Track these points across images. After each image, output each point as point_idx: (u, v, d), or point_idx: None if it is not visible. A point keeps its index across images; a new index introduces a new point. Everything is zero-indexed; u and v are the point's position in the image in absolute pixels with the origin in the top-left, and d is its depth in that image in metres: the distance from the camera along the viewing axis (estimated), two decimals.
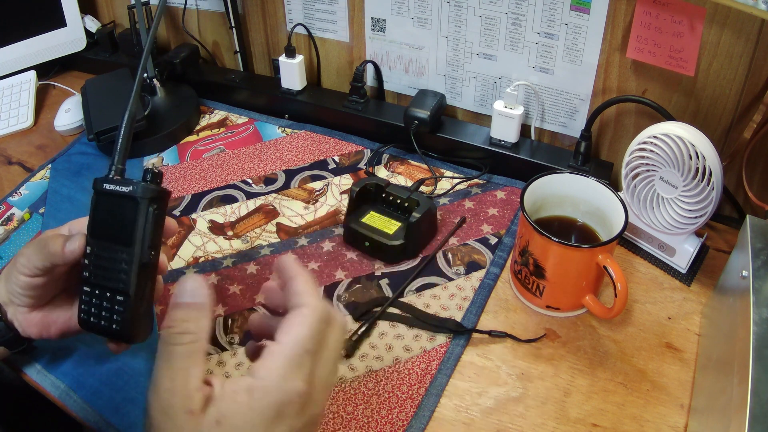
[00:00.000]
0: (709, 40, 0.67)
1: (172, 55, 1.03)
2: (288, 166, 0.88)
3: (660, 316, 0.65)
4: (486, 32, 0.82)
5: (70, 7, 1.07)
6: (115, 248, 0.47)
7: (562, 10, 0.75)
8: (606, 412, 0.57)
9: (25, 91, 1.03)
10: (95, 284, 0.48)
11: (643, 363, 0.61)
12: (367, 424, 0.56)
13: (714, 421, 0.48)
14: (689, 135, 0.60)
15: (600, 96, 0.79)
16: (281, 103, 0.98)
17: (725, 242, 0.74)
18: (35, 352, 0.63)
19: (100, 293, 0.48)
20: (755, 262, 0.50)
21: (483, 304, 0.67)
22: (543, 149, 0.84)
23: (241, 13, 1.01)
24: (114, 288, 0.47)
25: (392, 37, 0.90)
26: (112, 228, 0.47)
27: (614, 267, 0.58)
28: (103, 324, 0.48)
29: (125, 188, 0.46)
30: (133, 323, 0.47)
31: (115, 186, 0.47)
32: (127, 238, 0.46)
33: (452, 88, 0.90)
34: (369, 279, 0.70)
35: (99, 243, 0.48)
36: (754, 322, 0.45)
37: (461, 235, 0.76)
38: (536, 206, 0.67)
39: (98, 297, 0.48)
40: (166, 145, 0.93)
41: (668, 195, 0.65)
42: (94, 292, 0.48)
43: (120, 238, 0.46)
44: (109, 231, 0.47)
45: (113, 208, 0.47)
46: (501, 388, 0.59)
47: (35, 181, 0.88)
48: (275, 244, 0.76)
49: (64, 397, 0.59)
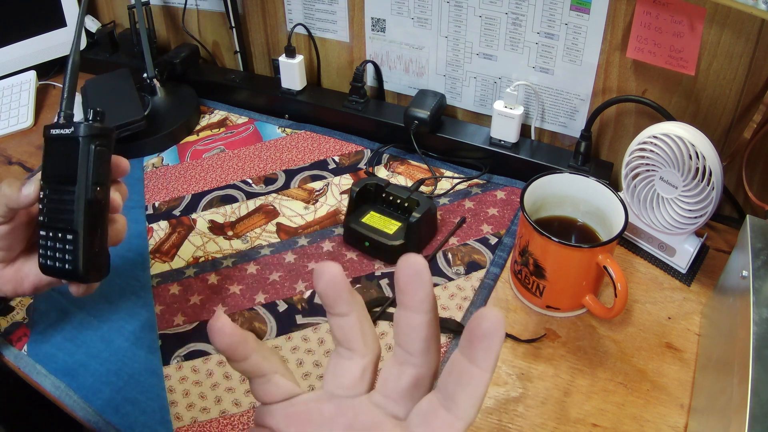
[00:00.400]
0: (709, 40, 0.67)
1: (172, 55, 1.03)
2: (288, 166, 0.88)
3: (660, 316, 0.65)
4: (486, 32, 0.82)
5: (70, 7, 1.07)
6: (63, 189, 0.48)
7: (562, 10, 0.75)
8: (606, 412, 0.57)
9: (25, 91, 1.03)
10: (49, 227, 0.49)
11: (643, 363, 0.61)
12: None
13: (714, 421, 0.48)
14: (689, 135, 0.60)
15: (600, 96, 0.79)
16: (281, 103, 0.98)
17: (725, 242, 0.74)
18: (35, 353, 0.63)
19: (53, 235, 0.49)
20: (755, 262, 0.50)
21: (483, 304, 0.67)
22: (543, 149, 0.84)
23: (241, 13, 1.01)
24: (64, 228, 0.48)
25: (392, 37, 0.90)
26: (60, 170, 0.48)
27: (614, 267, 0.58)
28: (58, 266, 0.49)
29: (68, 130, 0.47)
30: (85, 261, 0.48)
31: (60, 130, 0.48)
32: (72, 177, 0.47)
33: (452, 88, 0.90)
34: (369, 279, 0.70)
35: (50, 186, 0.49)
36: (754, 322, 0.45)
37: (461, 235, 0.76)
38: (536, 206, 0.67)
39: (52, 239, 0.49)
40: (166, 145, 0.93)
41: (668, 195, 0.65)
42: (49, 235, 0.49)
43: (66, 178, 0.47)
44: (58, 173, 0.48)
45: (60, 151, 0.48)
46: (501, 388, 0.59)
47: None
48: (275, 244, 0.76)
49: (64, 397, 0.59)
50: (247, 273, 0.72)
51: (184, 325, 0.66)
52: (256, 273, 0.72)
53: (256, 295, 0.69)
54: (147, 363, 0.62)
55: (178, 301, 0.69)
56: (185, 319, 0.66)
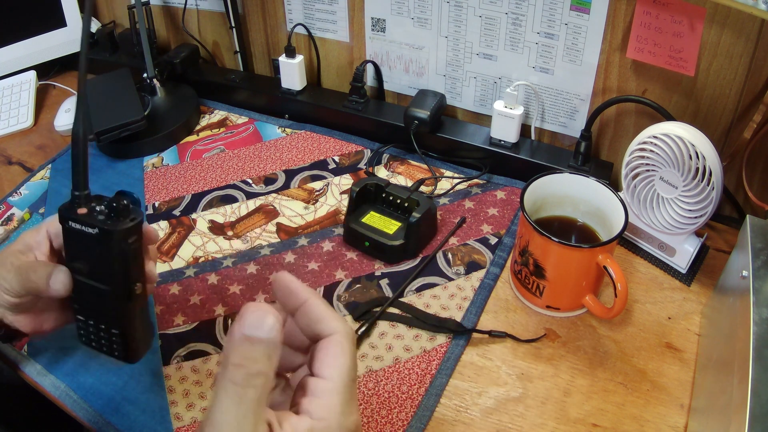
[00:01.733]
0: (709, 40, 0.67)
1: (172, 55, 1.03)
2: (288, 166, 0.88)
3: (660, 316, 0.65)
4: (486, 32, 0.82)
5: (70, 7, 1.07)
6: (97, 287, 0.44)
7: (562, 10, 0.75)
8: (606, 412, 0.57)
9: (25, 91, 1.03)
10: (87, 317, 0.46)
11: (643, 363, 0.61)
12: (367, 424, 0.56)
13: (714, 421, 0.48)
14: (689, 135, 0.60)
15: (600, 96, 0.79)
16: (281, 103, 0.98)
17: (725, 242, 0.74)
18: (35, 352, 0.63)
19: (95, 325, 0.46)
20: (755, 262, 0.50)
21: (483, 304, 0.67)
22: (543, 149, 0.84)
23: (241, 13, 1.01)
24: (106, 324, 0.45)
25: (392, 37, 0.90)
26: (90, 266, 0.44)
27: (614, 267, 0.58)
28: (104, 349, 0.47)
29: (91, 230, 0.41)
30: (132, 349, 0.46)
31: (81, 226, 0.42)
32: (106, 276, 0.43)
33: (452, 88, 0.90)
34: (369, 279, 0.70)
35: (80, 281, 0.45)
36: (754, 322, 0.45)
37: (461, 235, 0.76)
38: (536, 206, 0.67)
39: (93, 327, 0.46)
40: (166, 145, 0.93)
41: (668, 195, 0.65)
42: (88, 323, 0.46)
43: (100, 278, 0.43)
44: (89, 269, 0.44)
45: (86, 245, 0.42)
46: (501, 388, 0.59)
47: (35, 181, 0.88)
48: (275, 244, 0.76)
49: (64, 397, 0.59)
50: (247, 273, 0.72)
51: (184, 325, 0.66)
52: (256, 273, 0.72)
53: (256, 295, 0.69)
54: (147, 363, 0.62)
55: (178, 301, 0.69)
56: (185, 319, 0.66)
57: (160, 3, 1.07)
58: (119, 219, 0.41)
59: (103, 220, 0.41)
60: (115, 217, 0.41)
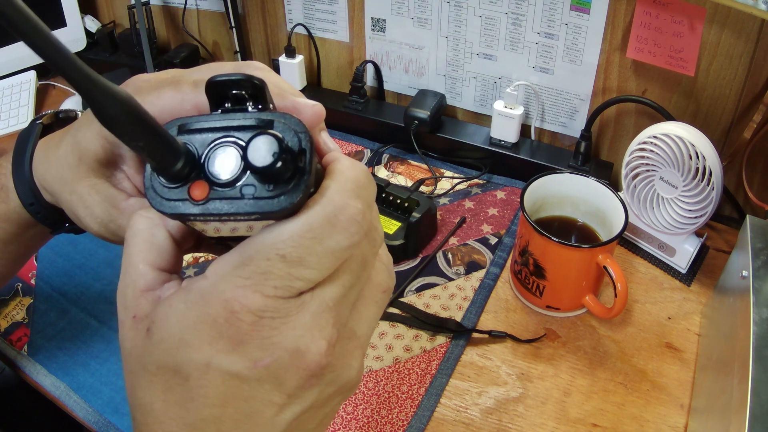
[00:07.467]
0: (709, 40, 0.67)
1: (172, 55, 1.03)
2: None
3: (660, 316, 0.65)
4: (486, 32, 0.82)
5: (70, 7, 1.07)
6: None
7: (562, 10, 0.75)
8: (606, 412, 0.57)
9: (25, 91, 1.03)
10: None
11: (643, 363, 0.61)
12: (367, 424, 0.56)
13: (714, 421, 0.48)
14: (689, 135, 0.60)
15: (600, 96, 0.79)
16: None
17: (725, 242, 0.74)
18: (35, 353, 0.63)
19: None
20: (755, 262, 0.50)
21: (483, 304, 0.67)
22: (543, 149, 0.84)
23: (241, 13, 1.01)
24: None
25: (392, 37, 0.90)
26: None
27: (614, 267, 0.58)
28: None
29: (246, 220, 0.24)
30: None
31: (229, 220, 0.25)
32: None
33: (452, 88, 0.90)
34: None
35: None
36: (754, 322, 0.45)
37: (461, 235, 0.76)
38: (536, 206, 0.67)
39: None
40: None
41: (668, 195, 0.65)
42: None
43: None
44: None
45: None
46: (501, 388, 0.59)
47: None
48: None
49: (64, 397, 0.59)
50: None
51: None
52: None
53: None
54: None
55: None
56: None
57: (160, 3, 1.07)
58: (278, 188, 0.23)
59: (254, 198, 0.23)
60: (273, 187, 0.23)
